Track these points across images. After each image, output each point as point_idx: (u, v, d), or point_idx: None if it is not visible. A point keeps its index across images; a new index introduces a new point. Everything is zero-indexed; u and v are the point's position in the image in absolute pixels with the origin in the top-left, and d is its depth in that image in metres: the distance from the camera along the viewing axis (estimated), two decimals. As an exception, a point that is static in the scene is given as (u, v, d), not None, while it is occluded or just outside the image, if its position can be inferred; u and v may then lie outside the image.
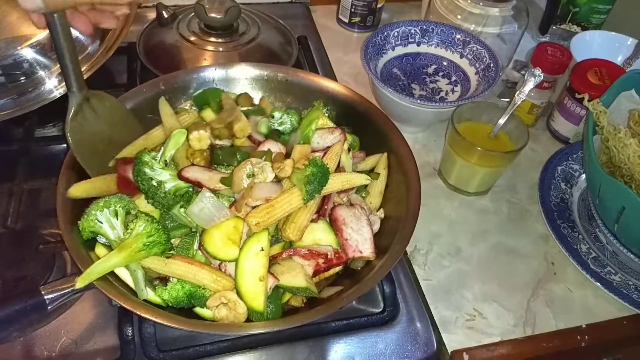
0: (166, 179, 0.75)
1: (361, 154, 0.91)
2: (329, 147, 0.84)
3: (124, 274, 0.72)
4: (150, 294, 0.71)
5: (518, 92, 0.97)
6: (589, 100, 0.92)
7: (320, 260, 0.76)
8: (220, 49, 1.16)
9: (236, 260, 0.71)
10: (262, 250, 0.71)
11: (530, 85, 0.96)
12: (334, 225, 0.79)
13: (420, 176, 0.83)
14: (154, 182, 0.74)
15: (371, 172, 0.88)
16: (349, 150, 0.87)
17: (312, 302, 0.75)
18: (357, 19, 1.35)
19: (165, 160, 0.80)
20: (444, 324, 0.83)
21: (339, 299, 0.70)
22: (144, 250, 0.68)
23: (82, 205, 0.75)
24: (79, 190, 0.76)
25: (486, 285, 0.88)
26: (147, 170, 0.74)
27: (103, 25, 0.72)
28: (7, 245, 0.85)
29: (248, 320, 0.71)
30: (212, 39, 1.17)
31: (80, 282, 0.66)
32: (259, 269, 0.71)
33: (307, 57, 1.25)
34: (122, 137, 0.84)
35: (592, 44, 1.24)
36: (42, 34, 0.93)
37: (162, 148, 0.82)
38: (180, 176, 0.76)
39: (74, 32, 0.94)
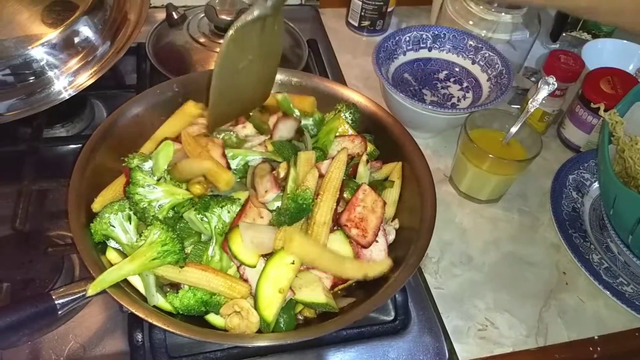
0: (159, 196, 0.73)
1: (378, 164, 0.89)
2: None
3: (134, 279, 0.71)
4: (160, 301, 0.70)
5: (531, 100, 0.96)
6: (605, 110, 0.91)
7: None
8: (230, 51, 1.15)
9: (265, 263, 0.70)
10: (293, 263, 0.70)
11: (543, 93, 0.95)
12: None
13: (432, 184, 0.83)
14: (143, 204, 0.71)
15: (385, 180, 0.87)
16: (367, 161, 0.85)
17: (325, 313, 0.74)
18: (366, 23, 1.34)
19: (162, 176, 0.77)
20: (455, 333, 0.82)
21: (353, 312, 0.69)
22: (158, 259, 0.67)
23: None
24: (100, 203, 0.76)
25: (498, 294, 0.87)
26: (139, 190, 0.72)
27: None
28: (15, 247, 0.84)
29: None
30: (222, 41, 1.15)
31: (92, 290, 0.65)
32: (283, 281, 0.69)
33: (317, 60, 1.24)
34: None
35: (603, 52, 1.24)
36: (52, 34, 0.92)
37: (152, 162, 0.78)
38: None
39: (86, 32, 0.94)
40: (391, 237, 0.82)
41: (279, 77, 0.96)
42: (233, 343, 0.72)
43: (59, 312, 0.66)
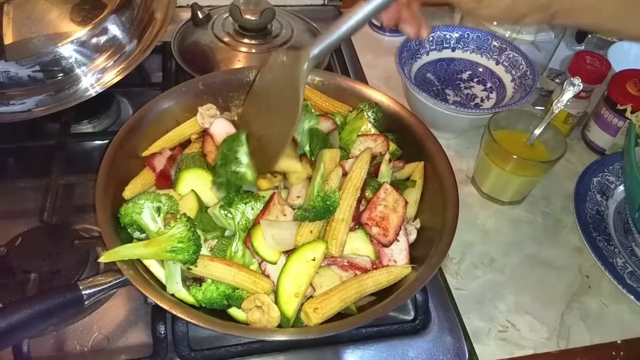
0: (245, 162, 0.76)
1: (400, 164, 0.89)
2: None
3: (158, 271, 0.72)
4: (183, 292, 0.71)
5: (556, 101, 0.95)
6: (632, 112, 0.90)
7: (358, 273, 0.75)
8: (254, 51, 1.16)
9: (286, 260, 0.71)
10: (314, 260, 0.71)
11: (569, 94, 0.94)
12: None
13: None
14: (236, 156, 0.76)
15: (407, 180, 0.87)
16: (389, 160, 0.86)
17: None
18: (389, 23, 1.34)
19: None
20: (476, 334, 0.82)
21: (373, 310, 0.69)
22: (171, 253, 0.68)
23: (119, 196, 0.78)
24: (131, 191, 0.78)
25: (519, 296, 0.87)
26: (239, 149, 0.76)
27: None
28: (43, 239, 0.86)
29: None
30: (246, 41, 1.17)
31: (104, 258, 0.67)
32: (303, 277, 0.70)
33: (339, 59, 1.25)
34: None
35: (629, 54, 1.22)
36: (81, 32, 0.94)
37: None
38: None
39: (114, 31, 0.96)
40: (412, 236, 0.81)
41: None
42: (254, 337, 0.72)
43: (85, 303, 0.67)
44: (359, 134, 0.88)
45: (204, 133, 0.87)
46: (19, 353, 0.70)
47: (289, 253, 0.73)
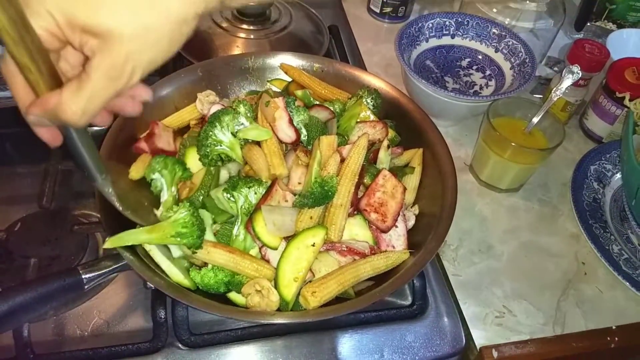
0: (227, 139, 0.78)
1: (399, 150, 0.89)
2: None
3: (158, 256, 0.72)
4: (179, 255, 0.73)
5: (554, 88, 0.95)
6: (630, 100, 0.90)
7: (357, 258, 0.75)
8: (252, 37, 1.16)
9: (287, 244, 0.72)
10: (314, 245, 0.71)
11: (567, 82, 0.95)
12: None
13: (452, 172, 0.83)
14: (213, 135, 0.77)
15: (406, 167, 0.88)
16: (388, 147, 0.86)
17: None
18: (388, 9, 1.34)
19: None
20: (473, 320, 0.83)
21: (370, 294, 0.69)
22: (175, 238, 0.68)
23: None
24: (135, 171, 0.78)
25: (516, 283, 0.88)
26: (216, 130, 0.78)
27: (126, 113, 0.58)
28: (42, 224, 0.86)
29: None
30: (244, 26, 1.17)
31: (109, 244, 0.67)
32: (302, 262, 0.71)
33: (338, 46, 1.24)
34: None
35: (628, 42, 1.22)
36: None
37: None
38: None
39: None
40: (411, 222, 0.82)
41: (301, 62, 0.96)
42: (253, 320, 0.73)
43: (86, 287, 0.67)
44: (358, 120, 0.88)
45: (203, 119, 0.87)
46: (19, 337, 0.71)
47: (289, 238, 0.73)
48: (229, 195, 0.73)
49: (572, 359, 0.83)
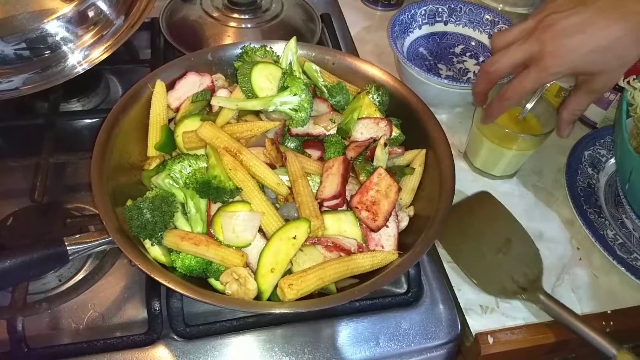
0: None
1: (400, 150, 0.88)
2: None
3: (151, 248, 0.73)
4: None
5: (548, 74, 0.94)
6: (623, 80, 0.90)
7: (343, 255, 0.75)
8: (244, 26, 1.15)
9: (271, 236, 0.72)
10: (295, 238, 0.71)
11: (561, 67, 0.94)
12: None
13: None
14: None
15: (407, 167, 0.86)
16: (385, 145, 0.84)
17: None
18: (381, -3, 1.33)
19: None
20: (468, 306, 0.83)
21: (350, 292, 0.68)
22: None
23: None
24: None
25: (511, 268, 0.88)
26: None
27: None
28: (34, 218, 0.86)
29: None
30: (236, 15, 1.16)
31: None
32: (281, 254, 0.71)
33: (330, 34, 1.23)
34: None
35: (622, 26, 1.21)
36: (67, 8, 0.92)
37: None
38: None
39: (101, 6, 0.94)
40: (404, 223, 0.81)
41: (300, 52, 0.95)
42: (249, 310, 0.73)
43: (70, 258, 0.69)
44: (361, 116, 0.87)
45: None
46: (13, 331, 0.71)
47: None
48: (168, 180, 0.75)
49: (567, 344, 0.83)
